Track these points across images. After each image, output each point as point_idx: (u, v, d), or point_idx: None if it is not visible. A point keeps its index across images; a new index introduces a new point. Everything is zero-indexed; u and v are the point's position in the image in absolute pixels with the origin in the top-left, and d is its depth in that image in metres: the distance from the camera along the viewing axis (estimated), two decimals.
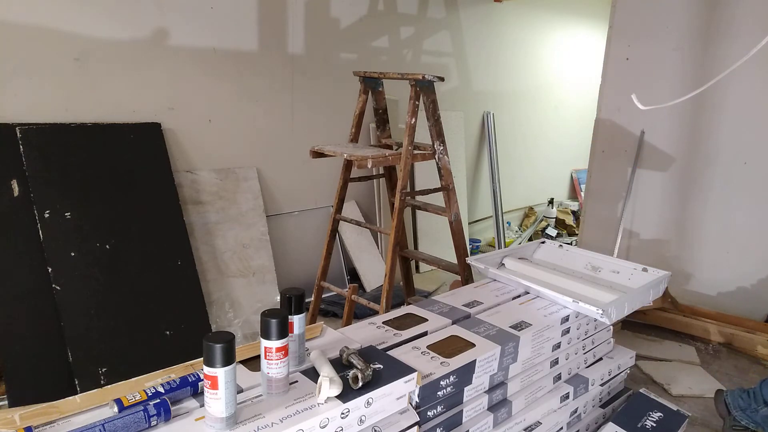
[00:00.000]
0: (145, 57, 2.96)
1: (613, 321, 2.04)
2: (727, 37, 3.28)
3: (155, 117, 3.02)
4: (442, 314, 1.95)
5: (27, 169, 2.52)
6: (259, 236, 3.44)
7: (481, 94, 5.14)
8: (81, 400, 1.27)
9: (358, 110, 3.00)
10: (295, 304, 1.44)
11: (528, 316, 1.97)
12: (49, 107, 2.68)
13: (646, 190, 3.64)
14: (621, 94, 3.67)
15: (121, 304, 2.65)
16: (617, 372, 2.32)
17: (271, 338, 1.28)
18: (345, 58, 3.90)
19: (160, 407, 1.21)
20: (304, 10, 3.58)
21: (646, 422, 2.14)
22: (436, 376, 1.54)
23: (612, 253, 3.62)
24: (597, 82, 3.85)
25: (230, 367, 1.17)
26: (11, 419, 1.17)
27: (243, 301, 3.30)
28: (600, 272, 2.46)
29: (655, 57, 3.56)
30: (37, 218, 2.51)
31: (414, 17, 4.33)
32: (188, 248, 2.97)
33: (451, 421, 1.63)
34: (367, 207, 4.24)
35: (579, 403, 2.11)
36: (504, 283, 2.30)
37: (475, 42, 4.92)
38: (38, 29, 2.60)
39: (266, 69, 3.46)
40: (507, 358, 1.77)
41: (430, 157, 2.85)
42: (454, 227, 2.93)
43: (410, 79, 2.66)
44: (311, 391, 1.34)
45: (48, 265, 2.50)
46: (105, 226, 2.68)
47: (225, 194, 3.33)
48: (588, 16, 6.17)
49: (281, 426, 1.21)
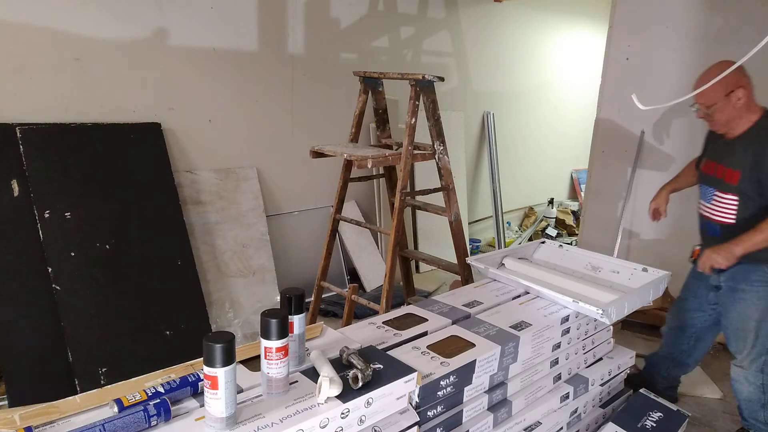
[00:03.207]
0: (145, 57, 2.96)
1: (613, 321, 2.04)
2: (727, 37, 3.28)
3: (155, 117, 3.02)
4: (442, 314, 1.94)
5: (27, 169, 2.52)
6: (259, 236, 3.44)
7: (481, 94, 5.14)
8: (81, 400, 1.27)
9: (358, 110, 3.00)
10: (295, 304, 1.44)
11: (528, 316, 1.97)
12: (49, 107, 2.68)
13: (646, 190, 3.63)
14: (621, 94, 3.67)
15: (121, 304, 2.65)
16: (617, 372, 2.32)
17: (271, 338, 1.28)
18: (345, 58, 3.90)
19: (160, 407, 1.21)
20: (304, 10, 3.58)
21: (646, 422, 2.14)
22: (436, 376, 1.54)
23: (612, 253, 3.62)
24: (597, 82, 3.85)
25: (230, 367, 1.17)
26: (11, 419, 1.17)
27: (243, 301, 3.30)
28: (600, 272, 2.46)
29: (655, 57, 3.56)
30: (37, 218, 2.51)
31: (414, 17, 4.33)
32: (188, 248, 2.97)
33: (451, 421, 1.63)
34: (367, 207, 4.24)
35: (579, 403, 2.11)
36: (504, 283, 2.30)
37: (475, 42, 4.92)
38: (38, 29, 2.60)
39: (266, 69, 3.46)
40: (507, 358, 1.77)
41: (430, 157, 2.85)
42: (454, 227, 2.93)
43: (410, 79, 2.66)
44: (311, 391, 1.34)
45: (48, 265, 2.50)
46: (105, 226, 2.68)
47: (225, 194, 3.33)
48: (588, 16, 6.17)
49: (281, 426, 1.21)
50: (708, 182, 2.29)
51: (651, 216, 2.57)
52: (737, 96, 2.08)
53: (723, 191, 2.20)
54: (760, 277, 2.17)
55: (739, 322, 2.25)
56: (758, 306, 2.19)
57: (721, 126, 2.17)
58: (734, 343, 2.32)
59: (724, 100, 2.08)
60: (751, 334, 2.22)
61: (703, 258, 2.12)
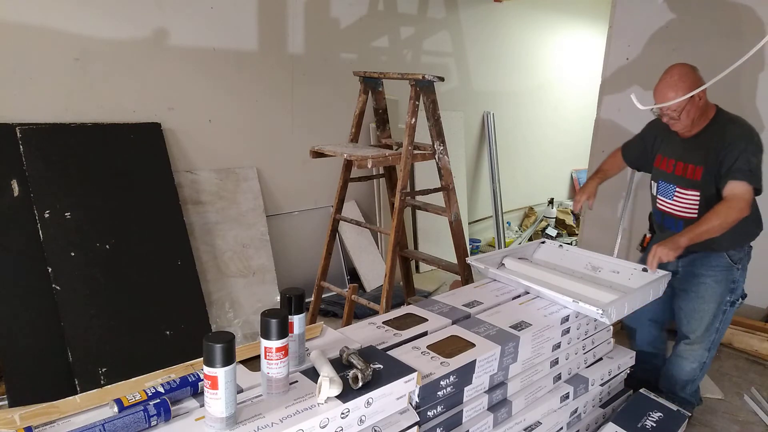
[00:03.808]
0: (145, 57, 2.96)
1: (613, 321, 2.04)
2: (727, 37, 3.28)
3: (155, 117, 3.02)
4: (442, 314, 1.95)
5: (27, 169, 2.52)
6: (259, 236, 3.44)
7: (481, 94, 5.14)
8: (81, 400, 1.27)
9: (358, 110, 3.00)
10: (295, 304, 1.44)
11: (528, 316, 1.97)
12: (49, 107, 2.68)
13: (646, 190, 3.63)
14: (621, 94, 3.67)
15: (121, 304, 2.65)
16: (617, 372, 2.32)
17: (271, 338, 1.28)
18: (345, 58, 3.90)
19: (160, 407, 1.21)
20: (304, 10, 3.58)
21: (646, 422, 2.14)
22: (436, 376, 1.54)
23: (612, 253, 3.62)
24: (597, 82, 3.85)
25: (230, 367, 1.17)
26: (11, 419, 1.17)
27: (243, 301, 3.30)
28: (600, 272, 2.46)
29: (655, 57, 3.56)
30: (37, 218, 2.51)
31: (414, 17, 4.33)
32: (188, 248, 2.97)
33: (451, 421, 1.63)
34: (367, 207, 4.24)
35: (579, 403, 2.11)
36: (504, 283, 2.30)
37: (475, 42, 4.92)
38: (38, 29, 2.60)
39: (266, 69, 3.46)
40: (507, 358, 1.77)
41: (430, 157, 2.85)
42: (454, 227, 2.93)
43: (410, 79, 2.66)
44: (311, 391, 1.34)
45: (48, 265, 2.50)
46: (105, 226, 2.68)
47: (225, 194, 3.33)
48: (588, 16, 6.17)
49: (281, 426, 1.21)
50: (668, 179, 2.36)
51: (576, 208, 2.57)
52: (699, 96, 2.15)
53: (685, 187, 2.28)
54: (719, 263, 2.31)
55: (697, 304, 2.36)
56: (716, 289, 2.33)
57: (687, 127, 2.23)
58: (689, 324, 2.42)
59: (690, 102, 2.14)
60: (708, 315, 2.36)
61: (650, 255, 2.16)
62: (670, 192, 2.35)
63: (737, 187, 2.11)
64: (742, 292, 2.40)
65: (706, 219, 2.11)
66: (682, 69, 2.17)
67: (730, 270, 2.33)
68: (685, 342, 2.46)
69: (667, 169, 2.36)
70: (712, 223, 2.09)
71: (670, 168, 2.34)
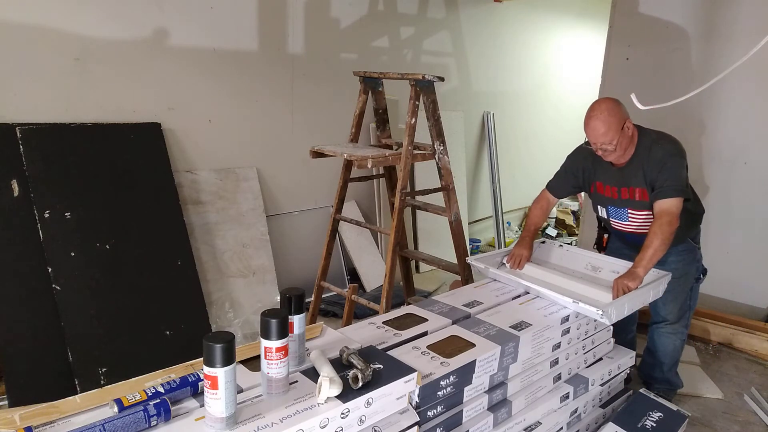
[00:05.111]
0: (145, 57, 2.96)
1: (613, 321, 2.04)
2: (727, 37, 3.28)
3: (155, 117, 3.02)
4: (442, 314, 1.95)
5: (27, 169, 2.52)
6: (259, 236, 3.44)
7: (481, 94, 5.14)
8: (81, 400, 1.27)
9: (358, 110, 3.00)
10: (295, 304, 1.44)
11: (528, 316, 1.97)
12: (49, 107, 2.68)
13: None
14: (621, 94, 3.66)
15: (121, 304, 2.64)
16: (617, 372, 2.32)
17: (271, 338, 1.28)
18: (345, 58, 3.90)
19: (160, 407, 1.21)
20: (304, 10, 3.58)
21: (646, 422, 2.14)
22: (436, 376, 1.54)
23: None
24: (597, 82, 3.85)
25: (230, 367, 1.17)
26: (11, 419, 1.17)
27: (243, 301, 3.30)
28: (600, 272, 2.46)
29: (655, 57, 3.56)
30: (37, 218, 2.51)
31: (414, 17, 4.33)
32: (188, 248, 2.97)
33: (451, 421, 1.63)
34: (367, 207, 4.24)
35: (579, 403, 2.11)
36: (504, 283, 2.30)
37: (475, 42, 4.92)
38: (38, 29, 2.60)
39: (266, 69, 3.46)
40: (507, 358, 1.77)
41: (430, 157, 2.85)
42: (454, 227, 2.93)
43: (410, 79, 2.66)
44: (311, 391, 1.34)
45: (48, 265, 2.50)
46: (105, 226, 2.68)
47: (225, 194, 3.33)
48: (588, 17, 6.17)
49: (281, 426, 1.21)
50: (615, 204, 2.44)
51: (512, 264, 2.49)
52: (627, 126, 2.25)
53: (637, 209, 2.37)
54: (685, 248, 2.47)
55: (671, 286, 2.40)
56: (686, 270, 2.49)
57: (620, 156, 2.31)
58: (665, 307, 2.52)
59: (621, 134, 2.23)
60: (681, 296, 2.52)
61: (613, 290, 2.17)
62: (624, 215, 2.42)
63: (665, 204, 2.21)
64: (703, 267, 2.60)
65: (649, 244, 2.18)
66: (609, 104, 2.26)
67: (694, 250, 2.52)
68: (666, 323, 2.57)
69: (612, 195, 2.42)
70: (655, 245, 2.17)
71: (615, 194, 2.41)
